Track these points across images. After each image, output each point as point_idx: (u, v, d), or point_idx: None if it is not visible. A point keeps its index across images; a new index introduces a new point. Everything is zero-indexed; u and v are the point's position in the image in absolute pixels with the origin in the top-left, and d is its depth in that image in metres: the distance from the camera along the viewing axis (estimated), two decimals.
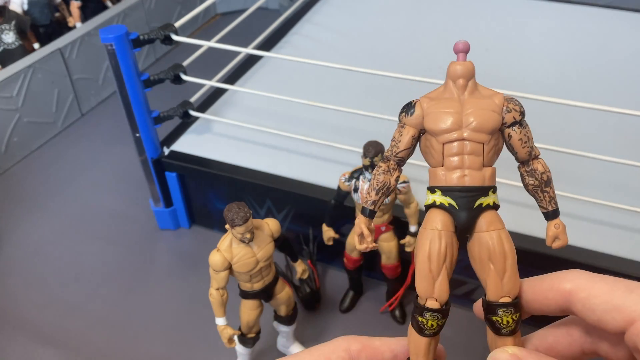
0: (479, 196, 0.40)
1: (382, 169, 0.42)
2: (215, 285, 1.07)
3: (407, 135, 0.41)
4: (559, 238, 0.42)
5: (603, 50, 1.89)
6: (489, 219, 0.40)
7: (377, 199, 0.41)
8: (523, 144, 0.42)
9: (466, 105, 0.39)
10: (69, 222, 1.71)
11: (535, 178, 0.43)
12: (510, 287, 0.39)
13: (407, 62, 1.85)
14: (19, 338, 1.38)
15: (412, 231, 1.23)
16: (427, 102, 0.41)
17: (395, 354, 0.40)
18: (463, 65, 0.40)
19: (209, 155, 1.50)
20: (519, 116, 0.41)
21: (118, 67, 1.34)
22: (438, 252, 0.38)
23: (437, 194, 0.39)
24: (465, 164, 0.39)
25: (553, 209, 0.43)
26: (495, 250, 0.39)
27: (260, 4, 1.85)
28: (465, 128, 0.39)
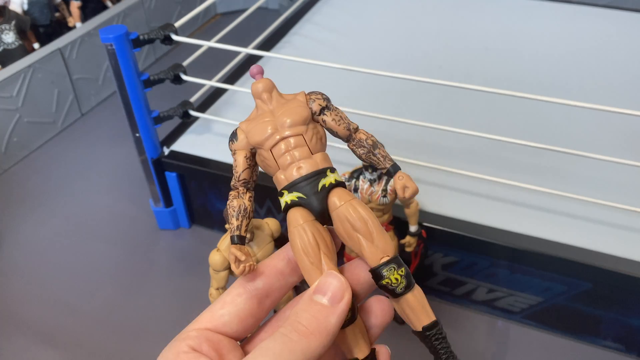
0: (318, 179, 0.42)
1: (232, 196, 0.45)
2: (215, 285, 1.08)
3: (240, 157, 0.45)
4: (408, 186, 0.43)
5: (603, 50, 1.89)
6: (338, 195, 0.42)
7: (239, 224, 0.44)
8: (337, 123, 0.45)
9: (276, 112, 0.43)
10: (69, 222, 1.71)
11: (363, 146, 0.45)
12: (383, 245, 0.40)
13: (407, 62, 1.85)
14: (19, 338, 1.38)
15: (412, 231, 1.23)
16: (245, 124, 0.44)
17: (287, 259, 0.43)
18: (262, 82, 0.45)
19: (209, 155, 1.51)
20: (323, 102, 0.45)
21: (118, 67, 1.34)
22: (309, 243, 0.40)
23: (285, 195, 0.42)
24: (296, 157, 0.42)
25: (390, 164, 0.45)
26: (354, 218, 0.40)
27: (260, 4, 1.85)
28: (282, 128, 0.42)
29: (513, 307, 1.36)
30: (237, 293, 0.41)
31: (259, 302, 0.41)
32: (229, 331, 0.40)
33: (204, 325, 0.40)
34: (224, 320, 0.40)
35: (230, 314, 0.40)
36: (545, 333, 1.35)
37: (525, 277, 1.29)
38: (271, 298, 0.42)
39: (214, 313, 0.40)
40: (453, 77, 1.29)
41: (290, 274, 0.43)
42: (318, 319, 0.37)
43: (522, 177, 1.33)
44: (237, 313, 0.40)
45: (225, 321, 0.40)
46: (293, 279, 0.43)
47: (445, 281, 1.38)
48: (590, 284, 1.24)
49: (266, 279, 0.42)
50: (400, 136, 1.48)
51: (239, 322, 0.40)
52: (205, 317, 0.41)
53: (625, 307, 1.24)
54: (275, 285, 0.42)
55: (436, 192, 1.36)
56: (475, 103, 1.61)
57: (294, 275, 0.43)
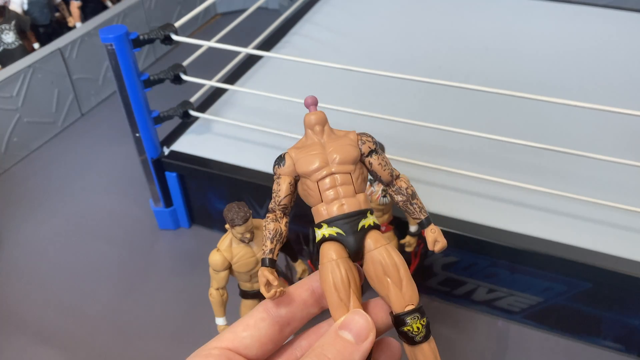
0: (359, 219, 0.43)
1: (270, 219, 0.46)
2: (215, 285, 1.08)
3: (284, 184, 0.45)
4: (438, 240, 0.45)
5: (603, 50, 1.89)
6: (374, 238, 0.43)
7: (273, 247, 0.45)
8: (383, 168, 0.46)
9: (327, 146, 0.45)
10: (69, 222, 1.71)
11: (402, 194, 0.46)
12: (411, 294, 0.42)
13: (407, 62, 1.85)
14: (19, 338, 1.38)
15: (412, 231, 1.23)
16: (294, 151, 0.45)
17: (312, 290, 0.43)
18: (316, 115, 0.46)
19: (209, 155, 1.51)
20: (373, 145, 0.46)
21: (118, 67, 1.34)
22: (341, 279, 0.41)
23: (323, 228, 0.43)
24: (340, 194, 0.43)
25: (425, 216, 0.46)
26: (387, 264, 0.42)
27: (260, 4, 1.85)
28: (332, 164, 0.44)
29: (513, 307, 1.36)
30: (260, 317, 0.41)
31: (280, 329, 0.42)
32: (249, 354, 0.41)
33: (226, 344, 0.40)
34: (246, 343, 0.41)
35: (252, 338, 0.41)
36: (545, 333, 1.35)
37: (525, 277, 1.29)
38: (292, 326, 0.43)
39: (236, 334, 0.41)
40: (453, 77, 1.29)
41: (312, 305, 0.43)
42: (343, 355, 0.38)
43: (523, 177, 1.33)
44: (259, 337, 0.41)
45: (247, 344, 0.41)
46: (314, 310, 0.44)
47: (445, 281, 1.38)
48: (590, 284, 1.24)
49: (291, 307, 0.42)
50: (400, 136, 1.48)
51: (260, 346, 0.41)
52: (227, 336, 0.41)
53: (625, 307, 1.24)
54: (298, 314, 0.43)
55: (436, 192, 1.36)
56: (475, 103, 1.61)
57: (315, 307, 0.44)
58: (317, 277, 0.43)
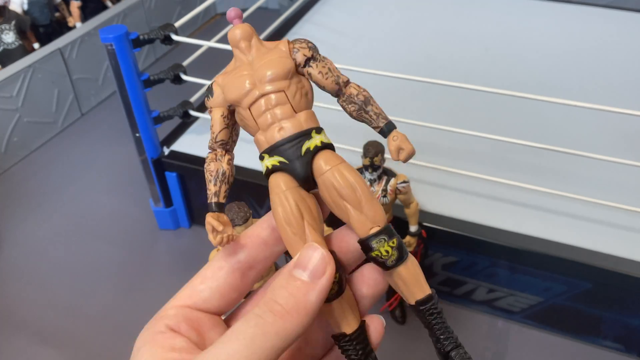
0: (302, 141, 0.38)
1: (209, 158, 0.41)
2: None
3: (217, 116, 0.40)
4: (403, 148, 0.39)
5: (603, 50, 1.89)
6: (324, 158, 0.38)
7: (217, 190, 0.40)
8: (325, 76, 0.40)
9: (255, 63, 0.39)
10: (69, 222, 1.71)
11: (354, 102, 0.40)
12: (373, 214, 0.37)
13: (407, 61, 1.85)
14: (18, 338, 1.38)
15: (412, 231, 1.23)
16: (221, 78, 0.40)
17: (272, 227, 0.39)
18: (240, 28, 0.40)
19: None
20: (309, 52, 0.40)
21: (118, 67, 1.34)
22: (291, 212, 0.37)
23: (265, 158, 0.38)
24: (277, 116, 0.38)
25: (384, 122, 0.40)
26: (341, 185, 0.37)
27: (260, 4, 1.85)
28: (262, 83, 0.38)
29: (513, 307, 1.36)
30: (217, 266, 0.38)
31: (241, 275, 0.38)
32: (210, 307, 0.38)
33: (183, 302, 0.38)
34: (204, 296, 0.38)
35: (211, 289, 0.38)
36: (545, 333, 1.35)
37: (525, 277, 1.29)
38: (255, 270, 0.39)
39: (193, 289, 0.38)
40: (453, 77, 1.28)
41: (275, 244, 0.39)
42: (296, 297, 0.34)
43: (523, 177, 1.33)
44: (218, 288, 0.38)
45: (205, 297, 0.38)
46: (279, 249, 0.39)
47: (445, 281, 1.38)
48: (590, 284, 1.24)
49: (249, 250, 0.38)
50: None
51: (221, 297, 0.38)
52: (184, 293, 0.38)
53: (625, 307, 1.24)
54: (260, 256, 0.39)
55: (436, 192, 1.36)
56: (475, 103, 1.61)
57: (279, 245, 0.39)
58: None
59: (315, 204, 0.38)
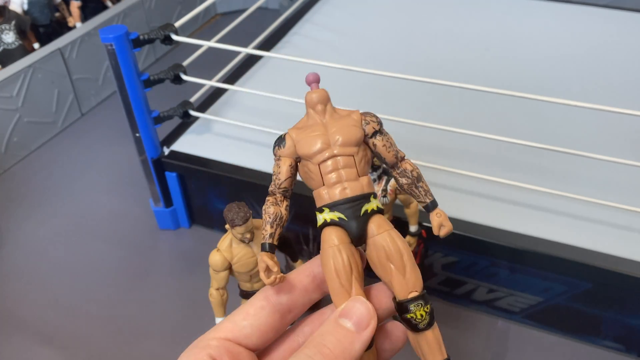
0: (362, 204, 0.42)
1: (270, 202, 0.44)
2: (215, 285, 1.07)
3: (285, 166, 0.44)
4: (444, 225, 0.44)
5: (603, 50, 1.89)
6: (377, 223, 0.42)
7: (273, 231, 0.43)
8: (388, 149, 0.44)
9: (329, 126, 0.43)
10: (69, 222, 1.71)
11: (407, 177, 0.45)
12: (414, 280, 0.41)
13: (407, 61, 1.85)
14: (18, 338, 1.38)
15: (412, 231, 1.23)
16: (295, 132, 0.44)
17: (313, 275, 0.42)
18: (318, 93, 0.44)
19: (209, 155, 1.50)
20: (377, 126, 0.44)
21: (118, 67, 1.34)
22: (342, 265, 0.40)
23: (325, 212, 0.42)
24: (343, 177, 0.42)
25: (431, 200, 0.45)
26: (390, 249, 0.41)
27: (260, 4, 1.85)
28: (334, 146, 0.42)
29: (513, 307, 1.36)
30: (260, 306, 0.40)
31: (281, 317, 0.41)
32: (249, 343, 0.40)
33: (225, 335, 0.39)
34: (246, 332, 0.40)
35: (252, 327, 0.40)
36: (545, 333, 1.35)
37: (525, 277, 1.29)
38: (293, 314, 0.42)
39: (235, 324, 0.40)
40: (453, 77, 1.28)
41: (313, 291, 0.42)
42: (343, 344, 0.37)
43: (523, 177, 1.33)
44: (259, 326, 0.40)
45: (246, 333, 0.40)
46: (316, 296, 0.43)
47: (445, 281, 1.38)
48: (590, 284, 1.24)
49: (292, 294, 0.41)
50: (400, 136, 1.47)
51: (260, 335, 0.40)
52: (226, 326, 0.40)
53: (625, 307, 1.24)
54: (299, 301, 0.42)
55: (436, 192, 1.35)
56: (475, 103, 1.61)
57: (317, 292, 0.43)
58: (318, 262, 0.42)
59: (360, 261, 0.42)
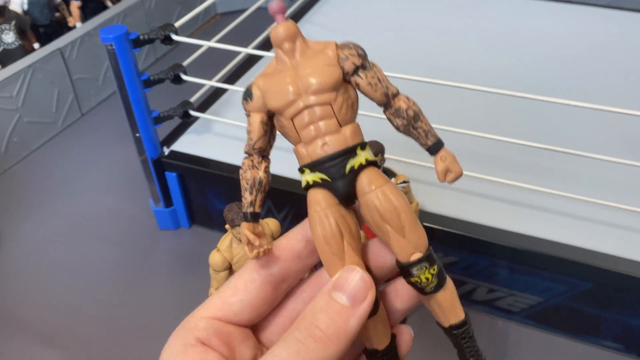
0: (347, 159, 0.36)
1: (247, 165, 0.39)
2: (215, 285, 1.08)
3: (256, 122, 0.38)
4: (450, 170, 0.38)
5: (603, 50, 1.89)
6: (368, 178, 0.36)
7: (253, 199, 0.39)
8: (374, 87, 0.38)
9: (301, 69, 0.36)
10: (69, 222, 1.71)
11: (402, 117, 0.39)
12: (416, 240, 0.36)
13: (406, 62, 1.85)
14: (19, 338, 1.38)
15: None
16: (262, 80, 0.37)
17: (306, 240, 0.38)
18: (284, 27, 0.36)
19: (209, 155, 1.50)
20: (359, 60, 0.37)
21: (118, 67, 1.34)
22: (331, 231, 0.35)
23: (306, 173, 0.37)
24: (322, 130, 0.36)
25: (433, 142, 0.39)
26: (384, 209, 0.36)
27: (260, 4, 1.85)
28: (306, 94, 0.35)
29: (513, 307, 1.36)
30: (249, 279, 0.37)
31: (273, 288, 0.37)
32: (241, 320, 0.37)
33: (213, 313, 0.36)
34: (235, 309, 0.37)
35: (242, 303, 0.37)
36: (545, 333, 1.35)
37: (525, 277, 1.29)
38: (287, 282, 0.38)
39: (224, 300, 0.37)
40: (453, 77, 1.28)
41: (308, 256, 0.38)
42: (337, 322, 0.33)
43: (523, 177, 1.33)
44: (249, 301, 0.37)
45: (236, 310, 0.37)
46: (312, 261, 0.38)
47: None
48: (590, 284, 1.24)
49: (282, 263, 0.37)
50: (400, 136, 1.48)
51: (252, 310, 0.37)
52: (214, 304, 0.37)
53: (625, 307, 1.24)
54: (293, 269, 0.38)
55: (436, 192, 1.35)
56: (475, 103, 1.61)
57: (312, 257, 0.38)
58: (307, 225, 0.38)
59: (355, 222, 0.37)
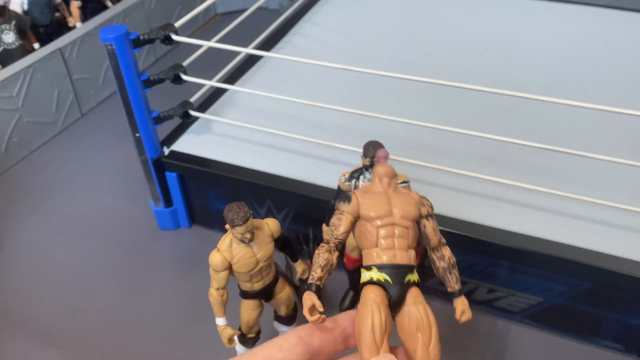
0: (407, 273, 0.46)
1: (325, 249, 0.49)
2: (215, 285, 1.07)
3: (347, 221, 0.49)
4: (465, 312, 0.53)
5: (603, 50, 1.89)
6: (415, 294, 0.46)
7: (322, 275, 0.48)
8: (435, 232, 0.50)
9: (392, 198, 0.48)
10: (69, 222, 1.71)
11: (445, 262, 0.51)
12: (435, 354, 0.44)
13: (407, 61, 1.85)
14: (19, 338, 1.38)
15: None
16: (361, 194, 0.49)
17: (343, 328, 0.45)
18: (386, 169, 0.49)
19: (209, 155, 1.50)
20: (430, 210, 0.50)
21: (118, 67, 1.34)
22: (380, 324, 0.43)
23: (373, 270, 0.46)
24: (396, 245, 0.46)
25: (459, 288, 0.51)
26: (422, 322, 0.45)
27: (260, 4, 1.85)
28: (395, 215, 0.47)
29: (513, 307, 1.36)
30: (294, 343, 0.43)
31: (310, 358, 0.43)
32: None
33: None
34: None
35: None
36: (545, 333, 1.35)
37: (525, 277, 1.29)
38: (319, 358, 0.44)
39: (270, 354, 0.42)
40: (453, 77, 1.28)
41: (340, 343, 0.45)
42: None
43: (523, 177, 1.33)
44: None
45: None
46: (340, 348, 0.45)
47: None
48: (590, 284, 1.24)
49: (322, 340, 0.44)
50: (400, 136, 1.48)
51: None
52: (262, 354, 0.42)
53: (625, 307, 1.24)
54: (327, 348, 0.44)
55: (436, 192, 1.35)
56: (475, 103, 1.61)
57: (342, 345, 0.45)
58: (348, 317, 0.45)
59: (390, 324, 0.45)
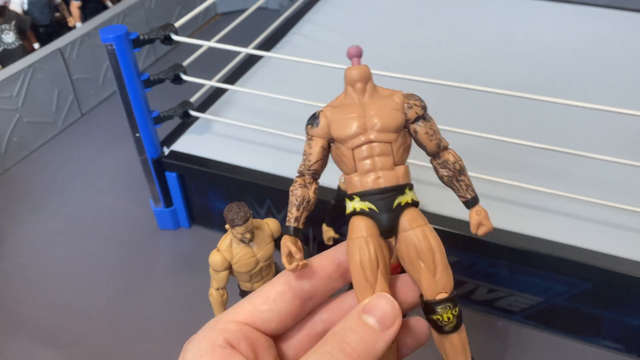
0: (396, 196, 0.40)
1: (299, 184, 0.42)
2: (215, 285, 1.07)
3: (317, 147, 0.41)
4: (483, 224, 0.43)
5: (603, 50, 1.89)
6: (410, 217, 0.40)
7: (299, 215, 0.41)
8: (430, 137, 0.42)
9: (368, 108, 0.40)
10: (69, 222, 1.71)
11: (449, 169, 0.43)
12: (445, 282, 0.39)
13: (407, 62, 1.85)
14: (19, 338, 1.38)
15: None
16: (330, 110, 0.41)
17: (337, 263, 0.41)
18: (359, 69, 0.40)
19: (209, 155, 1.50)
20: (421, 111, 0.41)
21: (118, 67, 1.34)
22: (369, 259, 0.38)
23: (355, 200, 0.40)
24: (377, 165, 0.40)
25: (472, 196, 0.43)
26: (422, 247, 0.39)
27: (260, 4, 1.85)
28: (371, 130, 0.39)
29: (513, 307, 1.36)
30: (281, 290, 0.39)
31: (301, 304, 0.39)
32: (267, 329, 0.39)
33: (244, 318, 0.38)
34: (265, 317, 0.38)
35: (272, 312, 0.38)
36: (545, 333, 1.35)
37: (525, 277, 1.29)
38: (314, 301, 0.40)
39: (255, 307, 0.38)
40: (453, 77, 1.28)
41: (337, 279, 0.41)
42: (366, 343, 0.35)
43: (523, 177, 1.33)
44: (278, 312, 0.39)
45: (265, 318, 0.38)
46: (338, 284, 0.41)
47: None
48: (590, 284, 1.24)
49: (314, 281, 0.40)
50: None
51: (279, 321, 0.39)
52: (245, 309, 0.39)
53: (625, 307, 1.24)
54: (321, 289, 0.40)
55: (436, 192, 1.35)
56: (475, 103, 1.61)
57: (340, 281, 0.41)
58: (343, 249, 0.40)
59: (388, 254, 0.40)
